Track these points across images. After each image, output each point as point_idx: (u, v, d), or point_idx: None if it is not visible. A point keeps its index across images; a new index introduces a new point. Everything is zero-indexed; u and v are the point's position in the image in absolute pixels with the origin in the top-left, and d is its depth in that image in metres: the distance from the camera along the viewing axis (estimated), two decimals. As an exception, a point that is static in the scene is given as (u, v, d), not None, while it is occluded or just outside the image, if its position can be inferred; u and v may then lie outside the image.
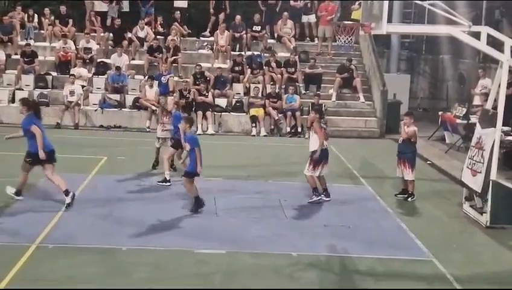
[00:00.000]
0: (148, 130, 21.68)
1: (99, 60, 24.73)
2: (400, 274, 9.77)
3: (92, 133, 21.45)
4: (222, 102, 23.24)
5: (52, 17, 26.13)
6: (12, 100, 22.69)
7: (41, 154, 12.12)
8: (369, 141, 22.01)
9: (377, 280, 9.39)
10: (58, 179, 12.44)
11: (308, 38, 26.97)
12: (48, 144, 12.39)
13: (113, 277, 8.96)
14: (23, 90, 23.07)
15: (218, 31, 25.74)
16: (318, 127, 13.34)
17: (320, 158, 13.30)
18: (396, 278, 9.58)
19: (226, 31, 25.67)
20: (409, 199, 14.03)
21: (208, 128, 22.19)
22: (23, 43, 24.88)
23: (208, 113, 22.42)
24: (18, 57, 24.43)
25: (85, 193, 13.36)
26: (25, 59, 24.04)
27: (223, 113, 22.98)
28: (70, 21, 25.98)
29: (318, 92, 23.71)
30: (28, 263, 9.32)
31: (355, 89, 24.43)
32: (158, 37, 25.73)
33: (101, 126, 22.45)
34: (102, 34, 25.92)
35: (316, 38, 26.65)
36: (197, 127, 20.79)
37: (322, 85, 24.62)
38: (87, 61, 24.52)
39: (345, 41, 14.80)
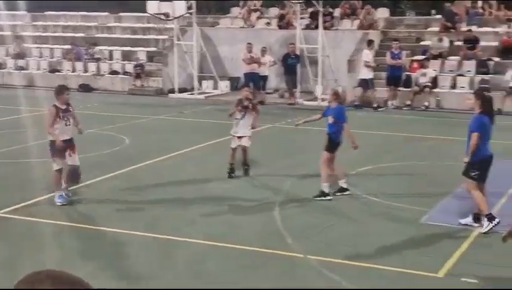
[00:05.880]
0: None
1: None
2: None
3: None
4: None
5: (495, 2, 25.65)
6: (453, 86, 22.84)
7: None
8: None
9: None
10: (479, 197, 9.94)
11: None
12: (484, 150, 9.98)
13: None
14: (464, 76, 23.05)
15: None
16: None
17: None
18: None
19: None
20: None
21: None
22: (466, 29, 24.80)
23: None
24: (460, 43, 24.40)
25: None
26: (467, 45, 23.90)
27: None
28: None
29: None
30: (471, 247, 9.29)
31: None
32: None
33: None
34: None
35: None
36: None
37: None
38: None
39: None
